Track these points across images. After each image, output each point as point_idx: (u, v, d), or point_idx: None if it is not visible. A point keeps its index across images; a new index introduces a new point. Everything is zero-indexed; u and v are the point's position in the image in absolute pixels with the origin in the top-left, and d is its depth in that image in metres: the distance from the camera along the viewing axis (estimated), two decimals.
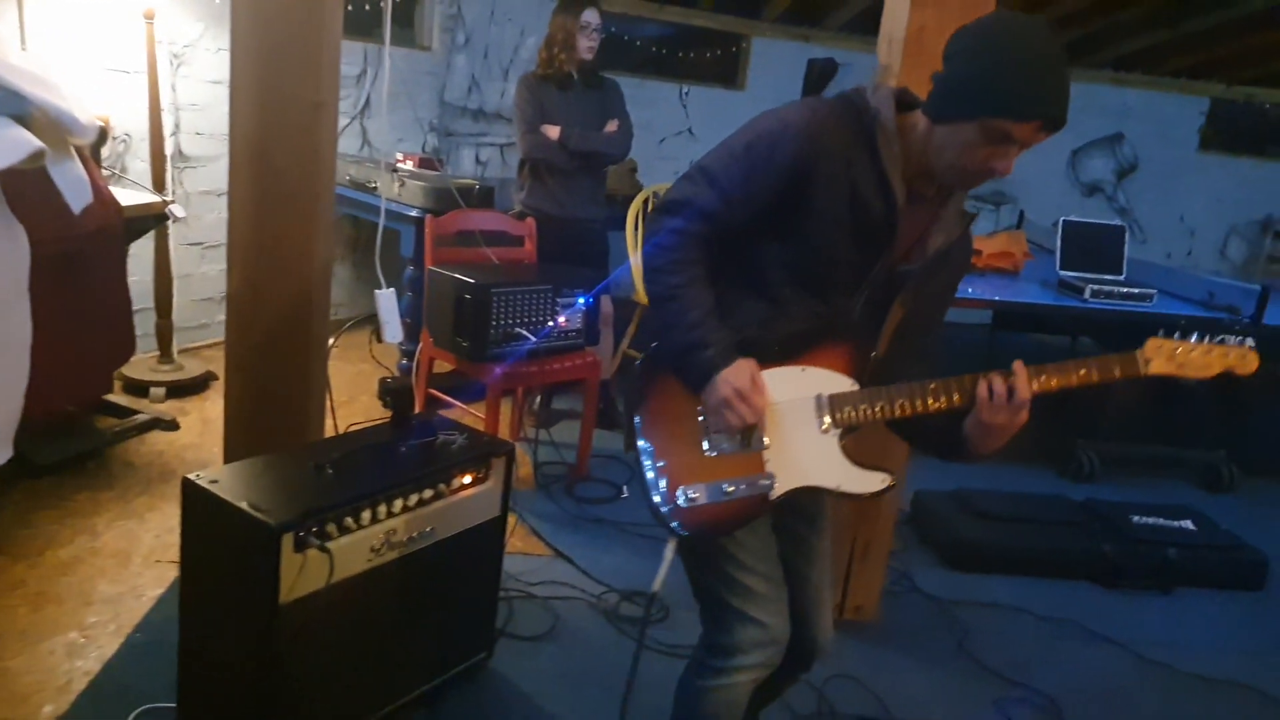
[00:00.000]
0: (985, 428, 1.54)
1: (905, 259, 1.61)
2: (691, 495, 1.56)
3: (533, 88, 3.82)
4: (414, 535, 2.01)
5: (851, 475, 1.61)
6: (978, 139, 1.46)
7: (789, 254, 1.60)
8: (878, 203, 1.54)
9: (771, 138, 1.55)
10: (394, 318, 2.84)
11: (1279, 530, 3.91)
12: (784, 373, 1.60)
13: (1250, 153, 7.21)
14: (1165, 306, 4.12)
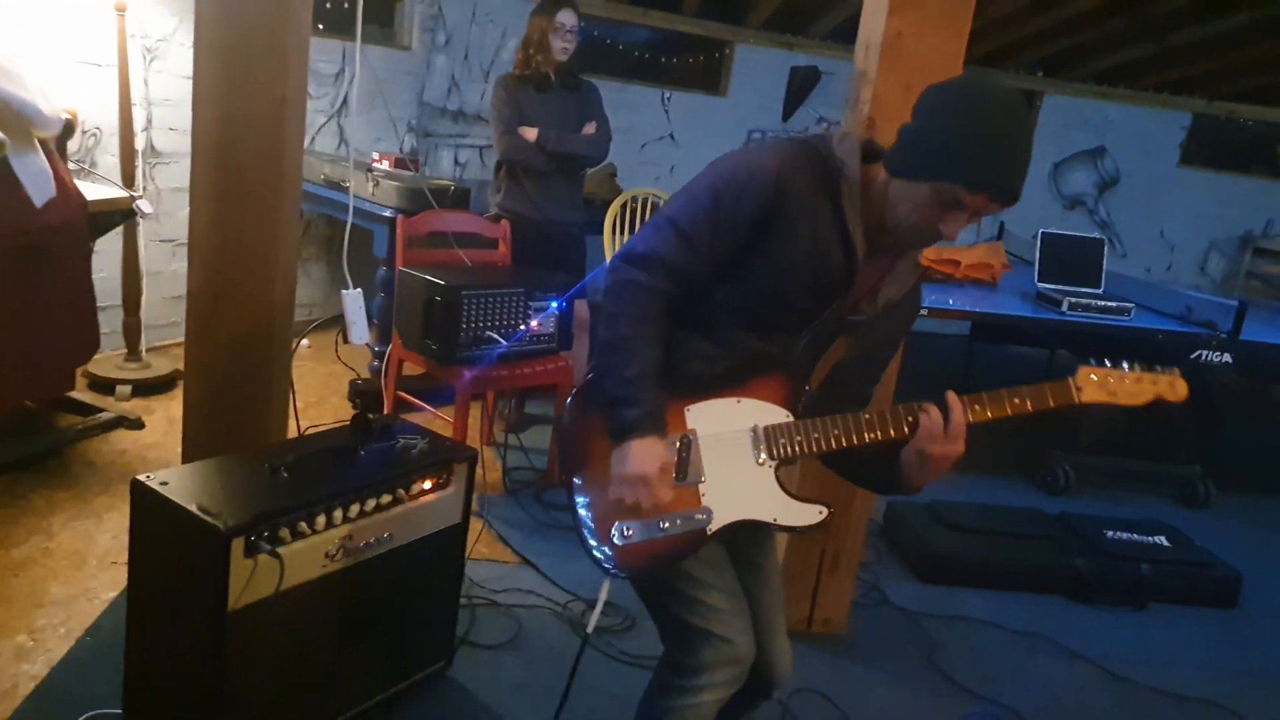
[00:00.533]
0: (923, 458, 1.54)
1: (855, 309, 1.61)
2: (627, 533, 1.53)
3: (510, 89, 3.78)
4: (371, 541, 1.97)
5: (788, 508, 1.60)
6: (930, 199, 1.46)
7: (741, 297, 1.59)
8: (837, 254, 1.54)
9: (738, 186, 1.53)
10: (361, 318, 2.79)
11: (1254, 547, 3.92)
12: (719, 405, 1.59)
13: (1231, 169, 7.25)
14: (1143, 321, 4.11)
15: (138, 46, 3.92)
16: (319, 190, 4.23)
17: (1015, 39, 5.99)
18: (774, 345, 1.61)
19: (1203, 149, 7.21)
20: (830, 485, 2.65)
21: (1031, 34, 5.86)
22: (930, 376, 5.72)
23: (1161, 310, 4.35)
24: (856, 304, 1.61)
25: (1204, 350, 3.95)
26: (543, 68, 3.77)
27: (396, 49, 5.36)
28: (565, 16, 3.72)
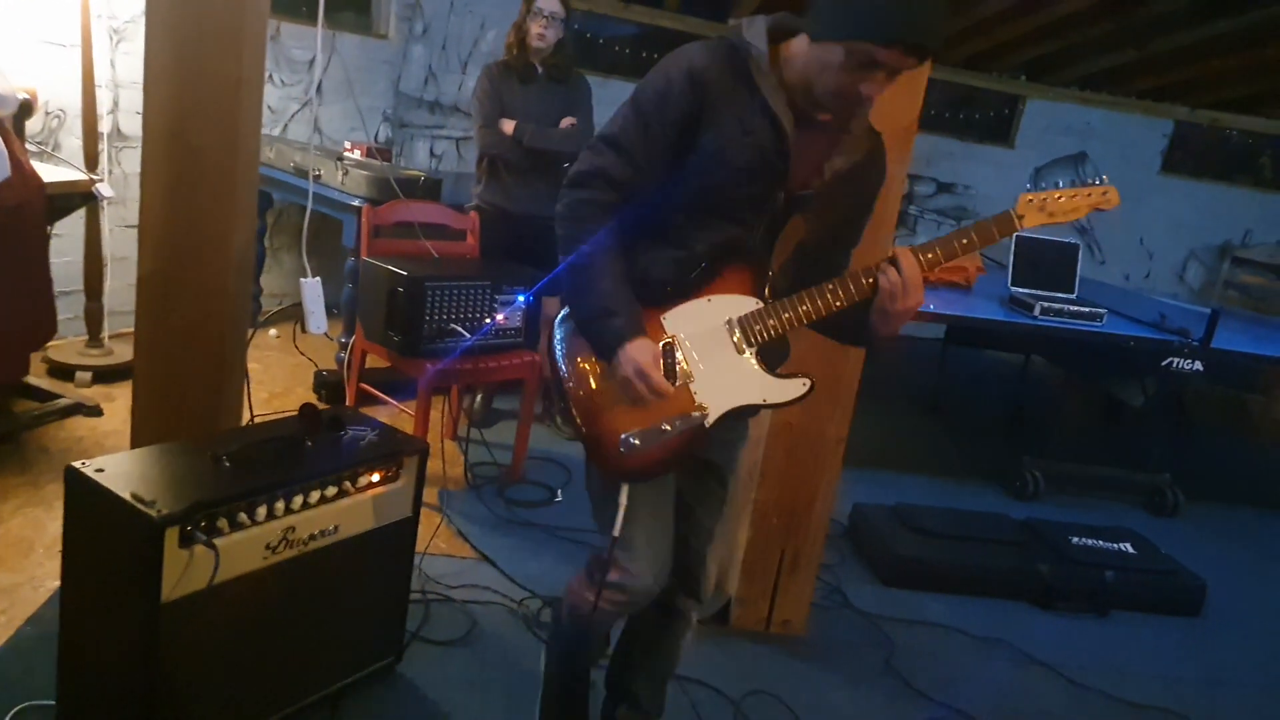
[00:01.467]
0: (885, 314, 1.61)
1: (804, 185, 1.65)
2: (633, 441, 1.65)
3: (494, 78, 3.74)
4: (315, 534, 1.93)
5: (773, 387, 1.69)
6: (846, 62, 1.49)
7: (688, 196, 1.65)
8: (766, 133, 1.59)
9: (659, 93, 1.61)
10: (319, 307, 2.75)
11: (1221, 556, 3.92)
12: (692, 306, 1.68)
13: (1212, 177, 7.26)
14: (1115, 327, 4.11)
15: (104, 27, 3.86)
16: (290, 179, 4.18)
17: (998, 42, 5.98)
18: (732, 237, 1.67)
19: (1184, 157, 7.22)
20: (792, 484, 2.66)
21: (1014, 37, 5.84)
22: (904, 380, 5.76)
23: (1134, 317, 4.35)
24: (804, 180, 1.65)
25: (1175, 358, 3.95)
26: (527, 56, 3.72)
27: (373, 37, 5.31)
28: (546, 2, 3.66)
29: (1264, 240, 7.12)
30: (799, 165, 1.62)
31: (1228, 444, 5.95)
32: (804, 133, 1.61)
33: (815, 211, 1.67)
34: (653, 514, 1.76)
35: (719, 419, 1.68)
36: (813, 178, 1.65)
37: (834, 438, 2.67)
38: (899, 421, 5.15)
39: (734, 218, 1.66)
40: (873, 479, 4.02)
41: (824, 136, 1.64)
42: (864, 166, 1.69)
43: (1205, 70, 6.09)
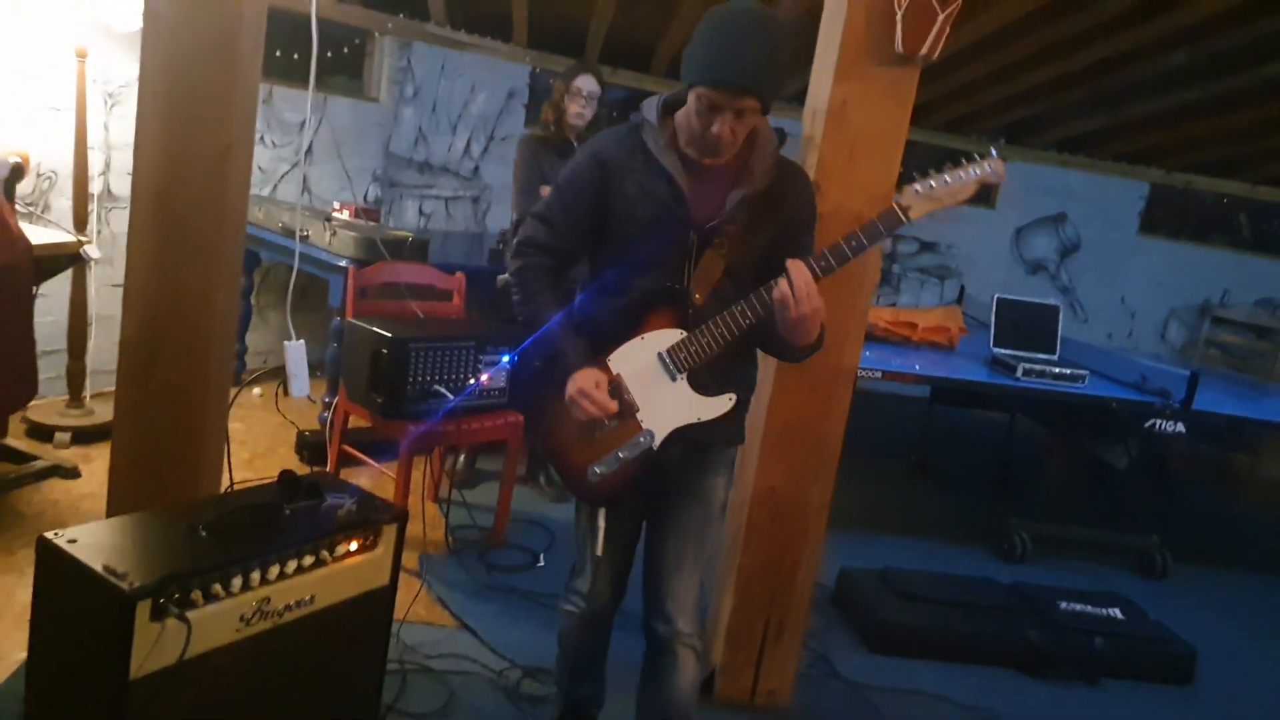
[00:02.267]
0: (788, 323, 1.76)
1: (707, 219, 1.87)
2: (598, 470, 1.91)
3: (533, 150, 3.82)
4: (290, 604, 1.89)
5: (704, 405, 1.91)
6: (694, 105, 1.77)
7: (616, 252, 1.94)
8: (661, 187, 1.86)
9: (572, 173, 1.95)
10: (302, 370, 2.73)
11: (1211, 620, 3.89)
12: (630, 347, 1.91)
13: (1189, 238, 7.38)
14: (1097, 388, 4.13)
15: (99, 92, 3.91)
16: (277, 239, 4.20)
17: (978, 106, 6.10)
18: (659, 278, 1.90)
19: (1161, 218, 7.34)
20: (776, 551, 2.63)
21: (993, 102, 5.97)
22: (891, 440, 5.76)
23: (1116, 378, 4.37)
24: (707, 215, 1.87)
25: (1158, 419, 3.97)
26: (564, 132, 3.79)
27: (364, 100, 5.38)
28: (584, 82, 3.78)
29: (1242, 300, 7.21)
30: (699, 205, 1.86)
31: (1215, 505, 5.95)
32: (698, 177, 1.87)
33: (730, 240, 1.88)
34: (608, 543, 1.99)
35: (665, 440, 1.90)
36: (715, 212, 1.87)
37: (817, 503, 2.65)
38: (887, 482, 5.14)
39: (657, 263, 1.90)
40: (860, 541, 3.99)
41: (721, 177, 1.88)
42: (771, 195, 1.88)
43: (1177, 135, 6.23)
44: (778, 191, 1.90)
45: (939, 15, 2.26)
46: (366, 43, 5.44)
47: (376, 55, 5.41)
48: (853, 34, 2.35)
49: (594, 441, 1.92)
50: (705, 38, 1.75)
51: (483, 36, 5.56)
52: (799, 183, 1.97)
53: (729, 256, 1.89)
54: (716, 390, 1.91)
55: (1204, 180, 7.02)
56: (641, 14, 5.04)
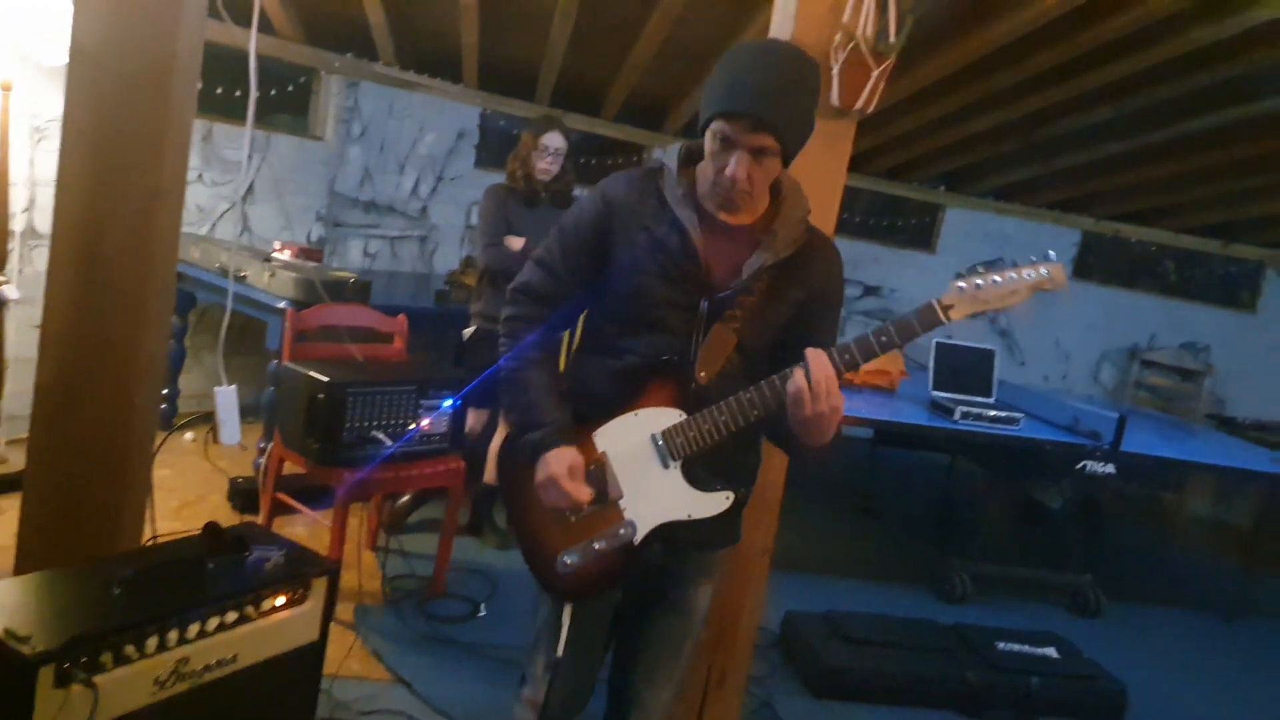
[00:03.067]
0: (802, 422, 1.55)
1: (722, 286, 1.68)
2: (568, 560, 1.67)
3: (500, 199, 3.82)
4: (211, 664, 1.82)
5: (698, 502, 1.68)
6: (711, 147, 1.61)
7: (616, 305, 1.72)
8: (673, 238, 1.67)
9: (576, 215, 1.77)
10: (233, 417, 2.67)
11: (1141, 656, 3.97)
12: (620, 422, 1.70)
13: (1120, 284, 7.60)
14: (1032, 430, 4.21)
15: (25, 126, 3.82)
16: (214, 279, 4.12)
17: (918, 155, 6.25)
18: (661, 345, 1.69)
19: (1093, 264, 7.56)
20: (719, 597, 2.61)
21: (932, 151, 6.11)
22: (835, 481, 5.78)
23: (1050, 420, 4.46)
24: (722, 281, 1.68)
25: (1089, 460, 4.05)
26: (532, 184, 3.80)
27: (309, 139, 5.34)
28: (551, 139, 3.80)
29: (1168, 343, 7.43)
30: (714, 267, 1.67)
31: (1145, 543, 6.08)
32: (718, 236, 1.67)
33: (745, 313, 1.67)
34: (573, 648, 1.74)
35: (647, 535, 1.68)
36: (730, 278, 1.67)
37: (760, 548, 2.64)
38: (832, 523, 5.16)
39: (659, 325, 1.69)
40: (806, 583, 4.00)
41: (741, 239, 1.69)
42: (795, 266, 1.69)
43: (1105, 185, 6.45)
44: (802, 263, 1.70)
45: (873, 71, 2.31)
46: (312, 81, 5.41)
47: (322, 94, 5.38)
48: None
49: (568, 525, 1.69)
50: (723, 68, 1.61)
51: (432, 77, 5.56)
52: (828, 256, 1.75)
53: (742, 331, 1.68)
54: (713, 485, 1.69)
55: (1131, 228, 7.25)
56: (593, 58, 5.09)
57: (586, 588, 1.71)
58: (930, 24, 4.00)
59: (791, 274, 1.69)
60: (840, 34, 2.25)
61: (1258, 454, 4.98)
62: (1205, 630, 4.55)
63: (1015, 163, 6.31)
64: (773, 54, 1.60)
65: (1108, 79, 4.40)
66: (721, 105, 1.57)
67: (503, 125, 6.05)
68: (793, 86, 1.57)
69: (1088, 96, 4.73)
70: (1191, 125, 4.97)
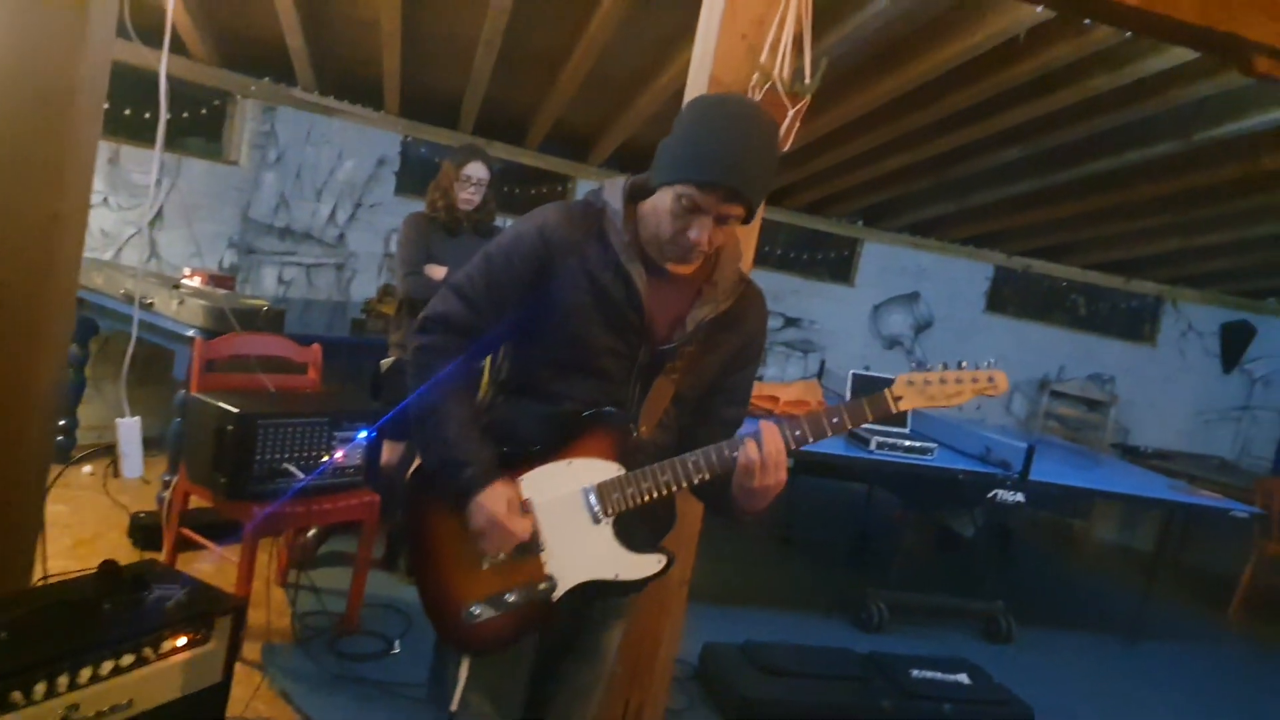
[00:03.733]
0: (746, 490, 1.55)
1: (666, 339, 1.64)
2: (476, 611, 1.56)
3: (420, 228, 3.78)
4: (104, 710, 1.76)
5: (627, 562, 1.62)
6: (674, 207, 1.54)
7: (552, 350, 1.64)
8: (618, 287, 1.59)
9: (507, 248, 1.63)
10: (135, 450, 2.58)
11: (1048, 679, 4.08)
12: (551, 469, 1.61)
13: (1031, 317, 7.86)
14: (946, 460, 4.30)
15: None
16: (118, 306, 3.99)
17: (837, 190, 6.40)
18: (600, 394, 1.63)
19: (1007, 297, 7.81)
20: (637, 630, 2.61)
21: (851, 187, 6.26)
22: None
23: (963, 450, 4.57)
24: (666, 333, 1.64)
25: (999, 489, 4.16)
26: (454, 214, 3.77)
27: (223, 163, 5.22)
28: (473, 169, 3.78)
29: (1075, 374, 7.71)
30: (658, 318, 1.62)
31: (1054, 569, 6.26)
32: (661, 285, 1.62)
33: (685, 364, 1.65)
34: (488, 695, 1.66)
35: (568, 593, 1.60)
36: (675, 330, 1.64)
37: (678, 579, 2.64)
38: (750, 554, 5.19)
39: (600, 373, 1.63)
40: (725, 615, 4.01)
41: (685, 288, 1.65)
42: (734, 315, 1.68)
43: (1015, 222, 6.68)
44: (737, 314, 1.69)
45: (789, 110, 2.36)
46: (227, 105, 5.30)
47: (238, 118, 5.27)
48: None
49: (479, 572, 1.58)
50: (696, 130, 1.54)
51: (352, 103, 5.50)
52: (759, 305, 1.76)
53: (680, 382, 1.66)
54: (646, 547, 1.63)
55: (1040, 263, 7.53)
56: (517, 87, 5.09)
57: (490, 642, 1.62)
58: (845, 66, 4.12)
59: (729, 324, 1.68)
60: (758, 74, 2.30)
61: (1156, 482, 5.19)
62: (1109, 653, 4.70)
63: (930, 200, 6.50)
64: (745, 120, 1.53)
65: (1015, 121, 4.57)
66: (694, 174, 1.51)
67: (424, 153, 6.01)
68: (764, 155, 1.54)
69: (997, 138, 4.91)
70: (1093, 167, 5.19)
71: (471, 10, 3.97)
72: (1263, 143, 4.52)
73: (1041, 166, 5.38)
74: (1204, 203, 5.54)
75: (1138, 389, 7.67)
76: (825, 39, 3.52)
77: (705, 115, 1.55)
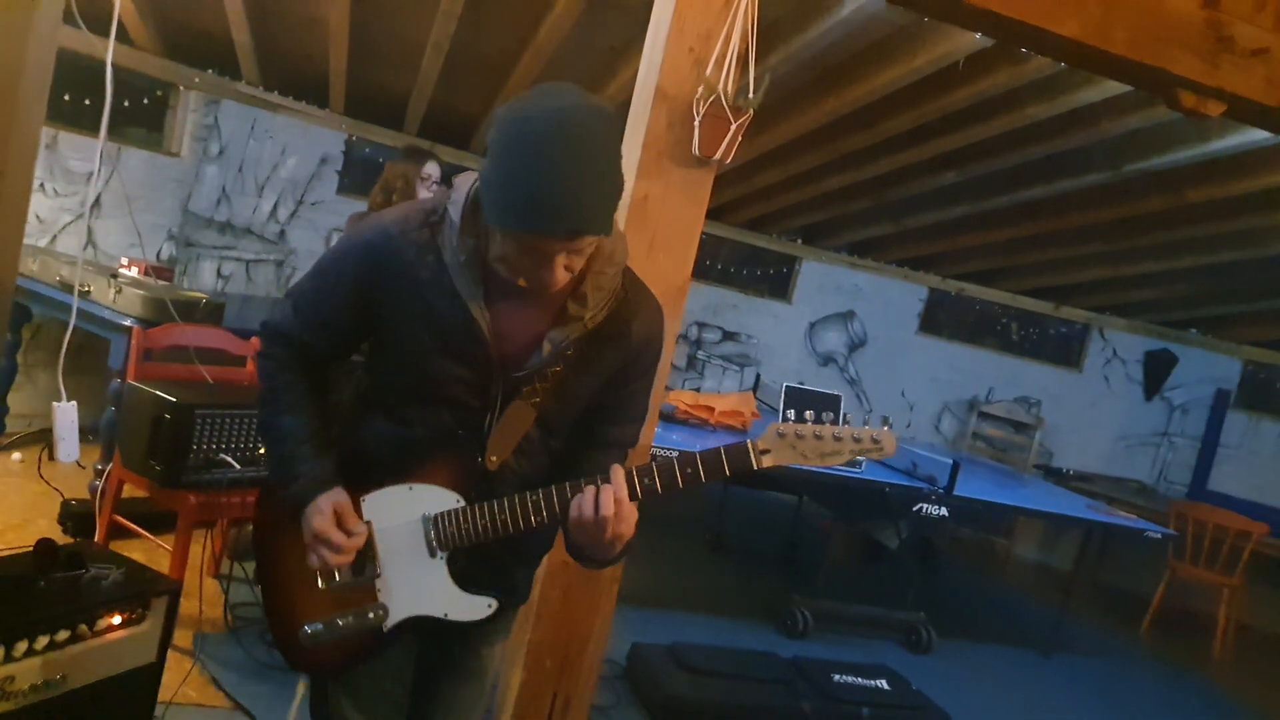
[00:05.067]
0: (585, 535, 1.43)
1: (518, 364, 1.46)
2: (310, 631, 1.50)
3: None
4: (38, 684, 1.76)
5: (458, 602, 1.51)
6: (506, 249, 1.36)
7: (394, 374, 1.52)
8: (455, 315, 1.43)
9: (338, 259, 1.52)
10: (72, 434, 2.56)
11: (966, 688, 4.23)
12: (392, 493, 1.52)
13: (963, 339, 8.11)
14: (873, 473, 4.44)
15: None
16: (53, 293, 3.93)
17: (776, 208, 6.55)
18: (451, 420, 1.50)
19: (941, 319, 8.05)
20: (567, 625, 2.67)
21: (790, 205, 6.42)
22: (687, 519, 5.92)
23: (890, 464, 4.72)
24: (517, 358, 1.46)
25: (924, 503, 4.31)
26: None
27: (163, 154, 5.17)
28: (432, 168, 3.76)
29: (1004, 397, 7.97)
30: (509, 342, 1.46)
31: (975, 583, 6.47)
32: (512, 306, 1.44)
33: (550, 386, 1.48)
34: (362, 712, 1.61)
35: (397, 625, 1.52)
36: (528, 355, 1.46)
37: (609, 577, 2.71)
38: (682, 558, 5.28)
39: (449, 401, 1.49)
40: (655, 618, 4.08)
41: (542, 306, 1.46)
42: (609, 330, 1.49)
43: (950, 245, 6.91)
44: (616, 326, 1.49)
45: (732, 124, 2.46)
46: (170, 95, 5.25)
47: (180, 109, 5.23)
48: (654, 135, 2.51)
49: (316, 593, 1.51)
50: (510, 168, 1.29)
51: (297, 99, 5.49)
52: (644, 316, 1.52)
53: (543, 405, 1.49)
54: (478, 588, 1.51)
55: (974, 287, 7.78)
56: (465, 91, 5.14)
57: (325, 665, 1.56)
58: (788, 86, 4.25)
59: (605, 339, 1.48)
60: (703, 86, 2.39)
61: (1076, 501, 5.41)
62: (1025, 664, 4.88)
63: (867, 220, 6.69)
64: (557, 144, 1.27)
65: (952, 146, 4.74)
66: (521, 223, 1.30)
67: (368, 153, 6.01)
68: (602, 175, 1.31)
69: (934, 162, 5.09)
70: (1028, 194, 5.39)
71: (420, 12, 4.01)
72: (1188, 176, 4.71)
73: (977, 191, 5.57)
74: (1132, 233, 5.76)
75: (1063, 413, 7.94)
76: (770, 57, 3.64)
77: (513, 144, 1.29)
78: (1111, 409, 8.07)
